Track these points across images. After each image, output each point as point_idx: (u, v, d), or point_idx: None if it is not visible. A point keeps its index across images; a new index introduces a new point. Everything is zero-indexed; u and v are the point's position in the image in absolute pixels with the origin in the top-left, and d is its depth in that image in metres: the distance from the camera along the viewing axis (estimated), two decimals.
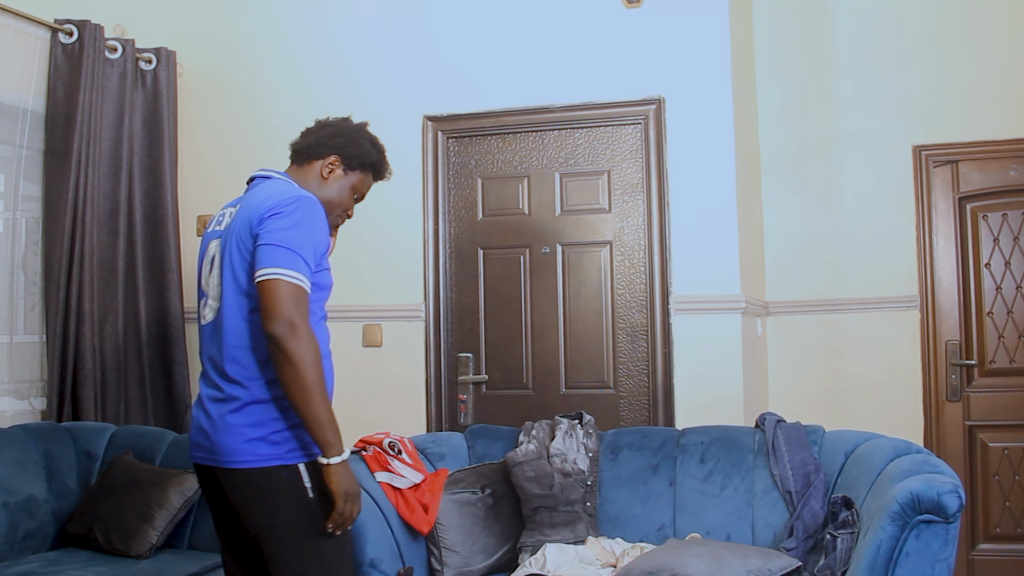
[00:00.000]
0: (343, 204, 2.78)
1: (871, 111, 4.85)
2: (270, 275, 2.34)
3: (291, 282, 2.34)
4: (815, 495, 3.39)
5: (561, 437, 3.76)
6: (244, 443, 2.42)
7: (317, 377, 2.33)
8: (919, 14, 4.82)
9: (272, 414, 2.42)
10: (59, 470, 3.92)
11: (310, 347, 2.33)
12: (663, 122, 4.27)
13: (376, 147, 2.81)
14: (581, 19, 4.41)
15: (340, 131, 2.77)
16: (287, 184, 2.59)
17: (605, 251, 4.38)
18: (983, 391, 4.70)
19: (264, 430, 2.42)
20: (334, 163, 2.73)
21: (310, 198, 2.49)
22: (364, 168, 2.79)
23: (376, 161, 2.81)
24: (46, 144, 4.26)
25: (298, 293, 2.35)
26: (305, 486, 2.42)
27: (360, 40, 4.71)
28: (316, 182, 2.71)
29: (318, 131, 2.79)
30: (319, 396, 2.33)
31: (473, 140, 4.58)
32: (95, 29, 4.34)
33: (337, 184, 2.75)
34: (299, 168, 2.75)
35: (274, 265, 2.35)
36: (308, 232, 2.42)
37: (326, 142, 2.74)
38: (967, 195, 4.76)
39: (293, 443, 2.42)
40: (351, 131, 2.78)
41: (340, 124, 2.81)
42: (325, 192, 2.71)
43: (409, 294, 4.55)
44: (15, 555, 3.62)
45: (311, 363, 2.32)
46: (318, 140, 2.75)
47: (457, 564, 3.48)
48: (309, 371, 2.31)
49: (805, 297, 4.89)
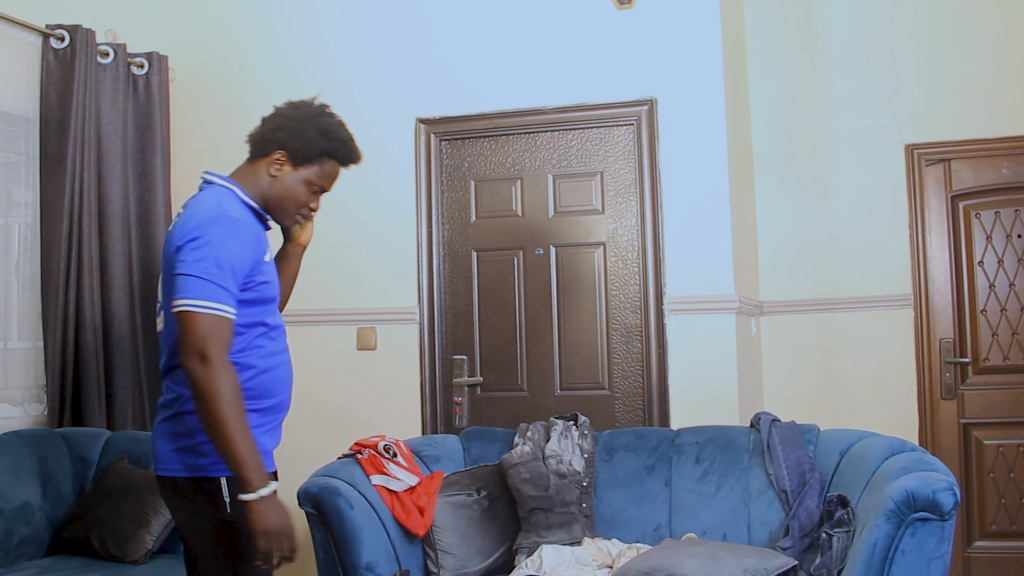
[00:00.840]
0: (297, 201, 2.60)
1: (863, 110, 4.86)
2: (182, 307, 2.26)
3: (204, 313, 2.25)
4: (810, 494, 3.39)
5: (556, 438, 3.76)
6: (173, 451, 2.40)
7: (231, 411, 2.22)
8: (911, 13, 4.82)
9: (197, 424, 2.31)
10: (54, 476, 3.91)
11: (222, 380, 2.23)
12: (655, 123, 4.27)
13: (328, 135, 2.58)
14: (573, 20, 4.41)
15: (284, 123, 2.56)
16: (214, 199, 2.43)
17: (599, 252, 4.38)
18: (977, 389, 4.71)
19: (192, 440, 2.37)
20: (280, 159, 2.54)
21: (223, 218, 2.36)
22: (314, 161, 2.58)
23: (329, 150, 2.59)
24: (41, 149, 4.25)
25: (212, 323, 2.26)
26: (224, 501, 2.34)
27: (352, 43, 4.71)
28: (266, 181, 2.55)
29: (266, 123, 2.61)
30: (233, 430, 2.21)
31: (466, 142, 4.58)
32: (87, 34, 4.32)
33: (287, 181, 2.56)
34: (249, 166, 2.59)
35: (187, 296, 2.26)
36: (221, 256, 2.30)
37: (270, 137, 2.56)
38: (959, 193, 4.77)
39: (218, 456, 2.27)
40: (296, 122, 2.56)
41: (286, 114, 2.61)
42: (276, 190, 2.55)
43: (403, 297, 4.54)
44: (10, 562, 3.61)
45: (224, 396, 2.22)
46: (263, 135, 2.58)
47: (453, 566, 3.48)
48: (221, 406, 2.21)
49: (799, 296, 4.89)
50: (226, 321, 2.29)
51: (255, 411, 2.41)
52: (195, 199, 2.50)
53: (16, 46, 4.19)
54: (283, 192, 2.56)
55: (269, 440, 2.50)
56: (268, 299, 2.48)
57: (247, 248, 2.39)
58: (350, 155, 2.68)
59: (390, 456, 3.62)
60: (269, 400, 2.48)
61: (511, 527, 3.67)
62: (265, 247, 2.49)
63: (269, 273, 2.49)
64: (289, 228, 2.74)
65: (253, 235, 2.44)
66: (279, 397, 2.51)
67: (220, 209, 2.39)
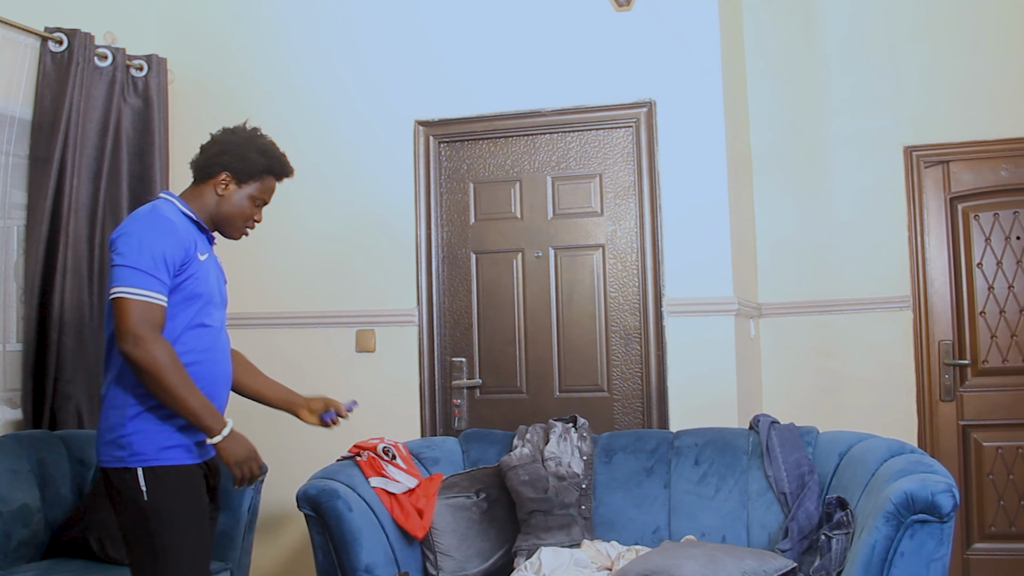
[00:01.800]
0: (244, 215, 2.89)
1: (862, 112, 4.86)
2: (116, 294, 2.55)
3: (135, 299, 2.53)
4: (809, 496, 3.39)
5: (555, 441, 3.76)
6: (102, 445, 2.65)
7: (175, 377, 2.53)
8: (909, 15, 4.83)
9: (118, 419, 2.62)
10: (52, 478, 3.91)
11: (159, 352, 2.52)
12: (654, 125, 4.27)
13: (266, 154, 2.88)
14: (572, 22, 4.41)
15: (225, 147, 2.84)
16: (150, 206, 2.74)
17: (598, 254, 4.38)
18: (976, 391, 4.71)
19: (113, 434, 2.62)
20: (226, 179, 2.83)
21: (148, 212, 2.68)
22: (256, 178, 2.87)
23: (269, 167, 2.88)
24: (31, 152, 4.24)
25: (144, 308, 2.53)
26: (141, 489, 2.58)
27: (351, 46, 4.71)
28: (213, 200, 2.83)
29: (207, 149, 2.87)
30: (182, 392, 2.54)
31: (465, 144, 4.58)
32: (85, 37, 4.32)
33: (234, 198, 2.85)
34: (195, 188, 2.87)
35: (119, 284, 2.54)
36: (153, 248, 2.58)
37: (215, 160, 2.83)
38: (958, 195, 4.77)
39: (134, 448, 2.59)
40: (236, 145, 2.84)
41: (226, 139, 2.88)
42: (225, 208, 2.84)
43: (402, 299, 4.54)
44: (9, 564, 3.61)
45: (165, 365, 2.52)
46: (207, 159, 2.84)
47: (452, 568, 3.48)
48: (165, 373, 2.52)
49: (798, 298, 4.89)
50: (157, 307, 2.57)
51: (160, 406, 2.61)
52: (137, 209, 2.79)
53: (14, 49, 4.19)
54: (231, 208, 2.85)
55: (189, 433, 2.68)
56: (197, 295, 2.71)
57: (175, 240, 2.64)
58: (285, 170, 2.96)
59: (389, 458, 3.62)
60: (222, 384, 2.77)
61: (510, 529, 3.67)
62: (202, 248, 2.78)
63: (202, 272, 2.74)
64: (236, 239, 2.97)
65: (183, 232, 2.69)
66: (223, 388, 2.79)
67: (151, 210, 2.70)
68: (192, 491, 2.69)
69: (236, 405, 4.63)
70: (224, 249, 3.03)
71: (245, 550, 3.89)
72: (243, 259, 4.74)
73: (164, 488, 2.60)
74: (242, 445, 2.66)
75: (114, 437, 2.61)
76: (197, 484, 2.72)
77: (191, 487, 2.69)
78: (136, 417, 2.61)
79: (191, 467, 2.69)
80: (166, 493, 2.60)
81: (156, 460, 2.60)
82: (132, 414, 2.61)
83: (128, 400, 2.62)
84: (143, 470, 2.58)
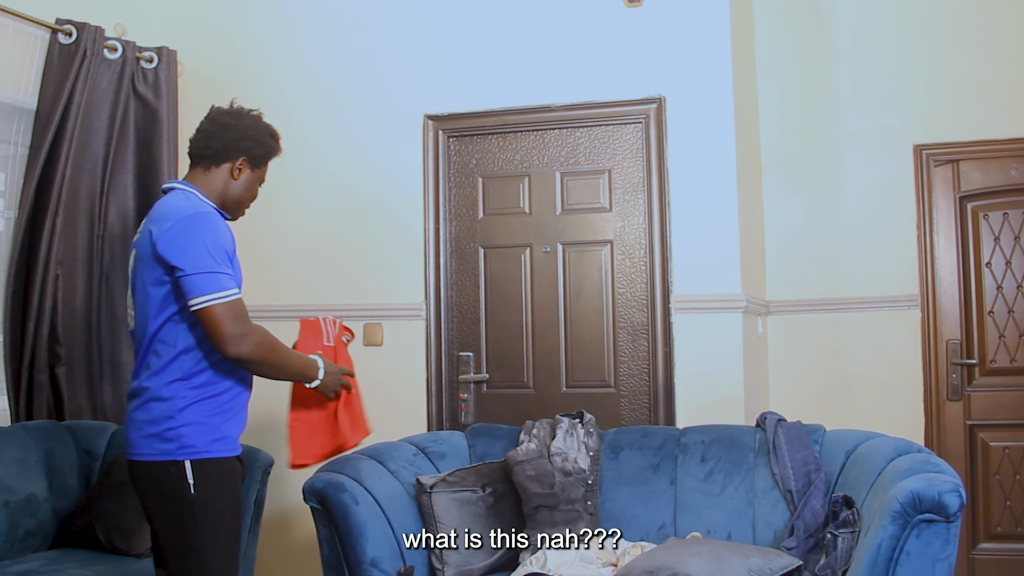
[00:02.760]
0: (253, 196, 2.98)
1: (872, 110, 4.85)
2: (198, 306, 2.57)
3: (217, 304, 2.57)
4: (816, 494, 3.39)
5: (562, 436, 3.76)
6: (142, 438, 2.64)
7: (283, 354, 2.74)
8: (920, 13, 4.81)
9: (166, 412, 2.62)
10: (60, 469, 3.92)
11: (259, 340, 2.63)
12: (664, 121, 4.27)
13: (275, 138, 2.99)
14: (582, 18, 4.40)
15: (244, 133, 2.88)
16: (184, 199, 2.73)
17: (606, 250, 4.38)
18: (984, 390, 4.70)
19: (159, 427, 2.62)
20: (243, 164, 2.89)
21: (199, 214, 2.67)
22: (265, 161, 2.97)
23: (275, 149, 3.00)
24: (32, 142, 4.24)
25: (228, 308, 2.58)
26: (188, 483, 2.60)
27: (360, 39, 4.71)
28: (224, 183, 2.87)
29: (221, 133, 2.87)
30: (288, 362, 2.78)
31: (474, 139, 4.58)
32: (94, 30, 4.33)
33: (246, 180, 2.91)
34: (206, 172, 2.87)
35: (197, 295, 2.57)
36: (210, 246, 2.61)
37: (234, 145, 2.87)
38: (968, 194, 4.76)
39: (183, 441, 2.61)
40: (254, 131, 2.91)
41: (242, 125, 2.91)
42: (236, 190, 2.89)
43: (410, 293, 4.55)
44: (16, 554, 3.62)
45: (268, 347, 2.66)
46: (225, 145, 2.86)
47: (458, 563, 3.48)
48: (272, 356, 2.68)
49: (806, 296, 4.88)
50: (237, 301, 2.62)
51: (209, 399, 2.68)
52: (164, 203, 2.75)
53: (25, 40, 4.21)
54: (242, 191, 2.91)
55: (231, 426, 2.73)
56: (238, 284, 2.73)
57: (227, 234, 2.71)
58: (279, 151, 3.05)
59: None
60: (222, 385, 2.72)
61: (516, 524, 3.67)
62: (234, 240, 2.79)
63: (238, 264, 2.77)
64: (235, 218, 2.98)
65: (225, 225, 2.75)
66: (230, 380, 2.75)
67: (193, 207, 2.69)
68: (236, 483, 2.74)
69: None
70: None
71: (251, 543, 3.89)
72: (251, 252, 4.74)
73: (212, 480, 2.63)
74: (331, 376, 2.97)
75: (159, 431, 2.62)
76: (239, 477, 2.78)
77: (235, 479, 2.74)
78: (185, 409, 2.62)
79: (234, 459, 2.74)
80: (213, 486, 2.64)
81: (206, 452, 2.63)
82: (181, 406, 2.62)
83: (178, 392, 2.63)
84: (191, 463, 2.61)
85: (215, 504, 2.64)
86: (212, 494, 2.63)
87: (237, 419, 2.78)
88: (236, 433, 2.76)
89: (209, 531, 2.62)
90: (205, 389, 2.67)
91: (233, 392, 2.75)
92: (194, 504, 2.60)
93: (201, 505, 2.60)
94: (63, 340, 4.25)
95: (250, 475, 3.87)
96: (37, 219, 4.21)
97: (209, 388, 2.68)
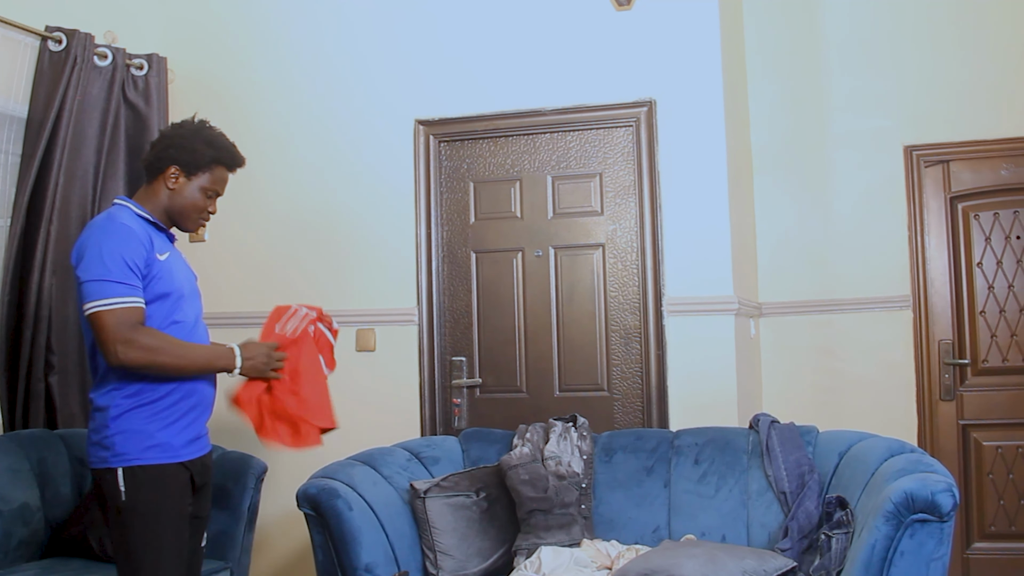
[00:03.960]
0: (197, 207, 2.89)
1: (862, 111, 4.86)
2: (89, 311, 2.60)
3: (107, 310, 2.58)
4: (809, 495, 3.39)
5: (555, 440, 3.76)
6: (89, 447, 2.72)
7: (172, 354, 2.66)
8: (910, 14, 4.83)
9: (103, 421, 2.67)
10: (52, 477, 3.91)
11: (145, 343, 2.60)
12: (655, 124, 4.27)
13: (213, 144, 2.90)
14: (572, 21, 4.41)
15: (172, 141, 2.86)
16: (104, 215, 2.75)
17: (598, 254, 4.38)
18: (976, 390, 4.71)
19: (98, 435, 2.68)
20: (176, 173, 2.84)
21: (104, 220, 2.70)
22: (205, 169, 2.88)
23: (216, 157, 2.90)
24: (24, 150, 4.24)
25: (118, 315, 2.58)
26: (120, 489, 2.63)
27: (351, 45, 4.71)
28: (166, 194, 2.85)
29: (155, 145, 2.89)
30: (186, 361, 2.70)
31: (465, 143, 4.58)
32: (84, 37, 4.32)
33: (185, 191, 2.86)
34: (148, 186, 2.88)
35: (89, 300, 2.60)
36: (110, 254, 2.61)
37: (162, 155, 2.85)
38: (958, 195, 4.77)
39: (116, 449, 2.64)
40: (182, 138, 2.86)
41: (172, 133, 2.90)
42: (177, 201, 2.85)
43: (402, 298, 4.55)
44: (9, 563, 3.61)
45: (156, 350, 2.62)
46: (156, 155, 2.86)
47: (452, 568, 3.48)
48: (160, 357, 2.63)
49: (798, 298, 4.89)
50: (133, 310, 2.62)
51: (144, 406, 2.68)
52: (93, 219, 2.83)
53: (14, 48, 4.20)
54: (183, 201, 2.86)
55: (170, 433, 2.72)
56: (165, 294, 2.74)
57: (134, 243, 2.67)
58: (235, 159, 2.97)
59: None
60: (162, 391, 2.71)
61: (510, 528, 3.67)
62: (161, 248, 2.79)
63: (164, 271, 2.75)
64: (193, 232, 3.01)
65: (140, 234, 2.70)
66: (173, 387, 2.73)
67: (107, 219, 2.72)
68: (169, 491, 2.70)
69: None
70: (222, 248, 3.03)
71: (245, 549, 3.89)
72: (243, 258, 4.75)
73: (141, 488, 2.64)
74: (257, 359, 2.86)
75: (99, 438, 2.67)
76: (176, 485, 2.73)
77: (169, 487, 2.70)
78: (118, 418, 2.66)
79: (170, 467, 2.71)
80: (143, 493, 2.64)
81: (136, 460, 2.64)
82: (115, 415, 2.66)
83: (112, 402, 2.67)
84: (123, 470, 2.64)
85: (145, 511, 2.64)
86: (143, 501, 2.64)
87: (179, 425, 2.75)
88: (179, 440, 2.74)
89: (139, 538, 2.64)
90: (139, 397, 2.67)
91: (173, 398, 2.73)
92: (124, 511, 2.64)
93: (132, 512, 2.63)
94: (56, 348, 4.24)
95: (243, 482, 3.87)
96: (31, 227, 4.20)
97: (144, 395, 2.68)
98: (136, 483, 2.63)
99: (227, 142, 2.96)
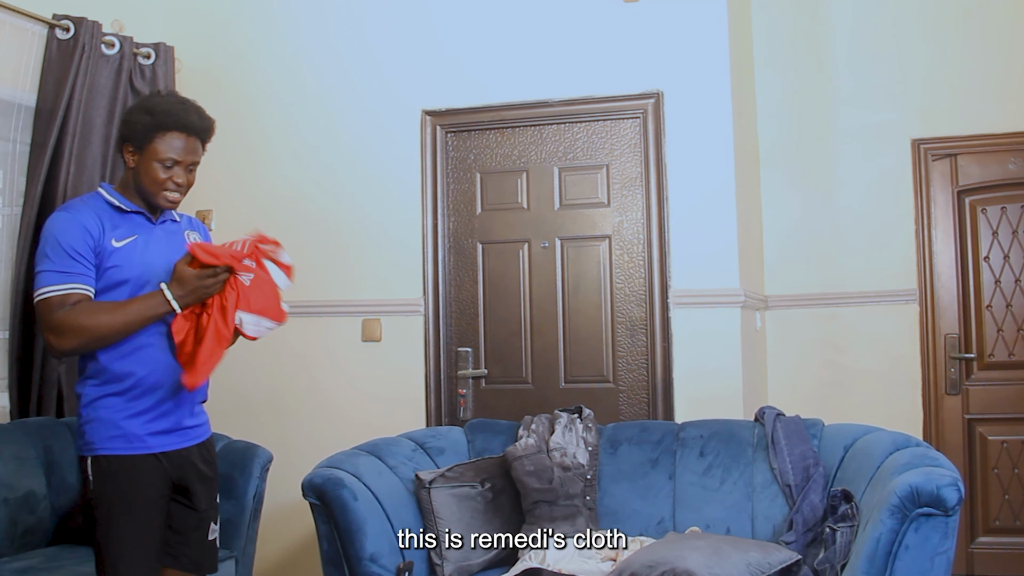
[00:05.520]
0: (156, 180, 2.70)
1: (870, 104, 4.85)
2: (35, 301, 2.59)
3: (44, 299, 2.55)
4: (814, 488, 3.39)
5: (560, 431, 3.76)
6: (75, 436, 2.76)
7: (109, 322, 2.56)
8: (918, 7, 4.81)
9: (80, 409, 2.68)
10: (59, 466, 3.92)
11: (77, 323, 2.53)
12: (662, 116, 4.27)
13: (151, 111, 2.70)
14: (580, 13, 4.40)
15: (122, 120, 2.79)
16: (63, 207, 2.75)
17: (604, 245, 4.38)
18: (982, 384, 4.70)
19: (78, 424, 2.69)
20: (128, 150, 2.74)
21: (53, 215, 2.68)
22: (149, 138, 2.70)
23: (157, 123, 2.69)
24: (33, 138, 4.24)
25: (55, 302, 2.54)
26: (89, 479, 2.64)
27: (358, 35, 4.70)
28: (131, 174, 2.76)
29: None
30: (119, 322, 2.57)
31: (472, 134, 4.57)
32: (92, 25, 4.32)
33: (141, 166, 2.72)
34: (124, 173, 2.82)
35: (34, 290, 2.59)
36: (53, 245, 2.58)
37: (117, 137, 2.85)
38: (966, 188, 4.76)
39: (86, 438, 2.65)
40: (128, 113, 2.77)
41: (124, 112, 2.86)
42: (139, 179, 2.74)
43: (408, 288, 4.55)
44: (15, 551, 3.62)
45: (93, 325, 2.55)
46: (115, 142, 2.89)
47: (457, 558, 3.49)
48: (102, 330, 2.56)
49: (804, 291, 4.89)
50: (73, 295, 2.56)
51: (114, 395, 2.65)
52: None
53: (22, 36, 4.19)
54: (141, 177, 2.73)
55: (138, 423, 2.67)
56: (122, 281, 2.67)
57: (75, 230, 2.61)
58: (180, 120, 2.73)
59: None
60: (126, 382, 2.66)
61: (515, 519, 3.67)
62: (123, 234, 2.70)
63: (121, 258, 2.67)
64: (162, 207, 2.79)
65: (88, 221, 2.64)
66: (135, 377, 2.66)
67: (61, 207, 2.74)
68: (133, 482, 2.64)
69: (238, 395, 4.65)
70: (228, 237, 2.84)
71: (250, 539, 3.90)
72: None
73: (105, 477, 2.62)
74: (186, 290, 2.60)
75: (78, 427, 2.69)
76: (140, 476, 2.65)
77: (132, 478, 2.64)
78: (88, 406, 2.66)
79: (136, 458, 2.65)
80: (106, 483, 2.62)
81: (102, 450, 2.63)
82: (85, 403, 2.67)
83: (83, 390, 2.68)
84: (91, 459, 2.64)
85: (109, 501, 2.61)
86: (108, 491, 2.61)
87: (147, 416, 2.68)
88: (147, 431, 2.67)
89: (104, 527, 2.62)
90: (107, 387, 2.65)
91: (139, 390, 2.66)
92: (92, 499, 2.64)
93: (98, 501, 2.62)
94: None
95: (249, 471, 3.87)
96: (43, 216, 4.19)
97: (111, 385, 2.65)
98: (102, 473, 2.62)
99: (170, 105, 2.73)
